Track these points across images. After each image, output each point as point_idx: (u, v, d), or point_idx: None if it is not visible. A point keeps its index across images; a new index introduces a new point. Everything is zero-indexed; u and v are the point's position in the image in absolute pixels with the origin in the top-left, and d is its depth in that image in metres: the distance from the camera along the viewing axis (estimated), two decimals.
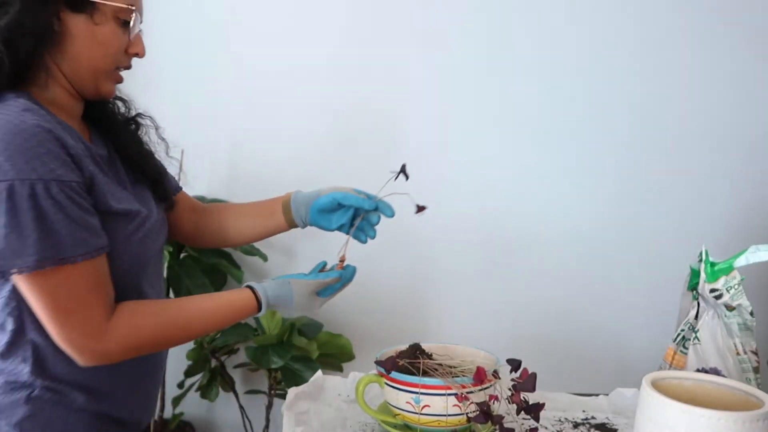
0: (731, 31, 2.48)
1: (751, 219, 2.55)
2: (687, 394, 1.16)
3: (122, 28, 1.08)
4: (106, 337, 1.00)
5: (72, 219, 0.95)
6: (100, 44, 1.06)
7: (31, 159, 0.92)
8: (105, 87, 1.12)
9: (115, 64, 1.11)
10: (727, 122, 2.52)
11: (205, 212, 1.39)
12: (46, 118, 0.99)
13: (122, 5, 1.06)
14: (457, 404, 1.23)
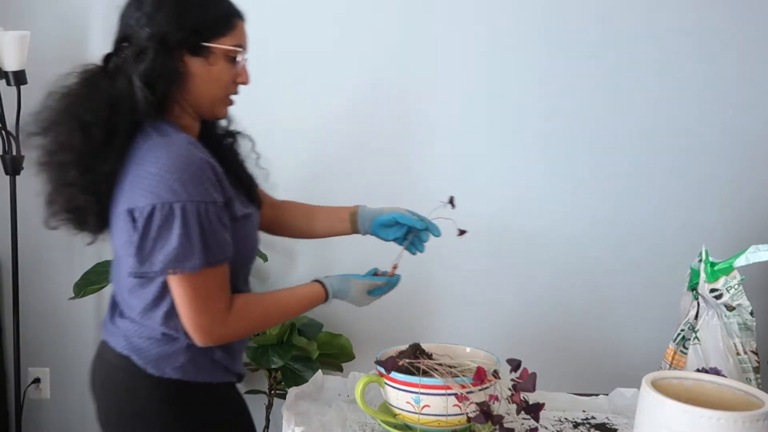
0: (731, 32, 2.47)
1: (751, 219, 2.55)
2: (687, 394, 1.16)
3: (231, 64, 1.30)
4: (226, 323, 1.26)
5: (218, 233, 1.22)
6: (214, 80, 1.29)
7: (197, 185, 1.18)
8: (220, 112, 1.36)
9: (227, 94, 1.34)
10: (727, 122, 2.52)
11: (281, 208, 1.61)
12: (203, 149, 1.25)
13: (230, 47, 1.29)
14: (457, 404, 1.23)
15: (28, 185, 2.47)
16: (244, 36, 1.33)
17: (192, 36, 1.25)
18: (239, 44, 1.30)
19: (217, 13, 1.28)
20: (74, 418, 2.68)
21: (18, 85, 2.28)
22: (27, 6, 2.46)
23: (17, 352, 2.46)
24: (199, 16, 1.26)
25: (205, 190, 1.20)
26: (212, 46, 1.27)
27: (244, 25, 1.32)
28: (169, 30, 1.23)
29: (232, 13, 1.30)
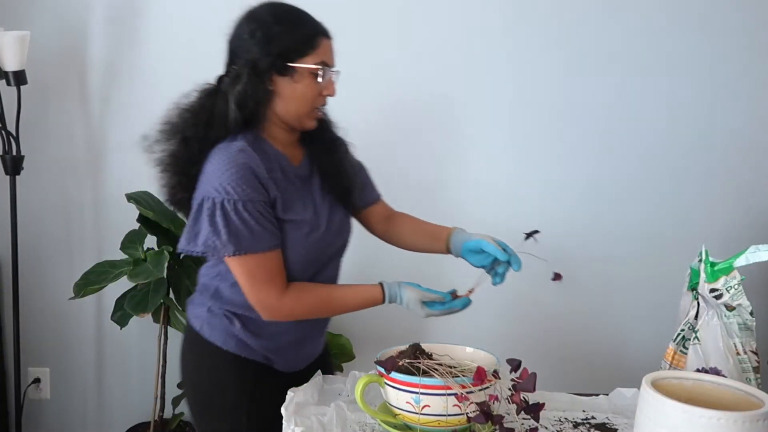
0: (732, 33, 2.48)
1: (751, 219, 2.55)
2: (687, 394, 1.16)
3: (315, 80, 1.44)
4: (280, 302, 1.43)
5: (251, 226, 1.38)
6: (299, 96, 1.44)
7: (236, 186, 1.37)
8: (307, 123, 1.50)
9: (312, 107, 1.48)
10: (728, 123, 2.52)
11: (394, 221, 1.73)
12: (252, 158, 1.40)
13: (312, 66, 1.43)
14: (457, 404, 1.23)
15: (28, 185, 2.50)
16: (328, 52, 1.46)
17: (278, 59, 1.41)
18: (322, 61, 1.44)
19: (300, 35, 1.42)
20: (74, 418, 2.69)
21: (18, 85, 2.28)
22: (27, 6, 2.46)
23: (17, 352, 2.46)
24: (285, 40, 1.41)
25: (243, 190, 1.37)
26: (296, 66, 1.41)
27: (328, 42, 1.46)
28: (259, 57, 1.41)
29: (314, 34, 1.44)
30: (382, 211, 1.73)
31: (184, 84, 2.49)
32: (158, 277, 2.22)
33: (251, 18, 1.45)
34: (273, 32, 1.41)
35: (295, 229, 1.46)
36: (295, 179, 1.50)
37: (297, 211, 1.46)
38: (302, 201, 1.49)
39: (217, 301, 1.51)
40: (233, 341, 1.50)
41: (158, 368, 2.44)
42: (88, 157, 2.56)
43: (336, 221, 1.55)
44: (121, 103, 2.53)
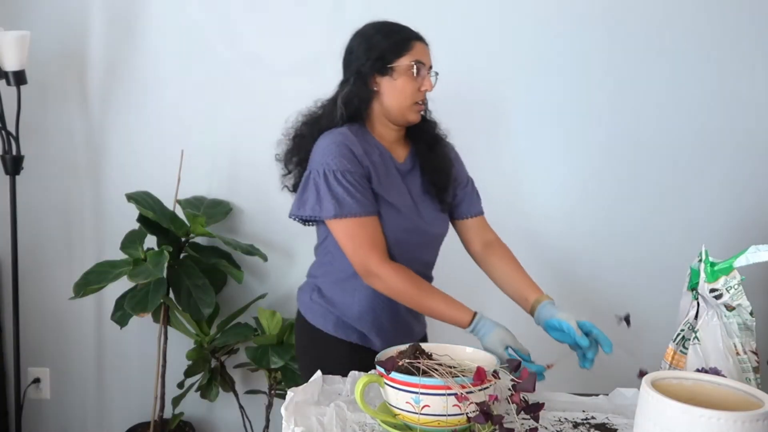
0: (732, 34, 2.48)
1: (751, 219, 2.55)
2: (687, 394, 1.16)
3: (412, 76, 1.63)
4: (380, 268, 1.56)
5: (350, 192, 1.56)
6: (400, 91, 1.63)
7: (334, 158, 1.58)
8: (410, 116, 1.67)
9: (413, 101, 1.65)
10: (728, 123, 2.52)
11: (492, 252, 1.80)
12: (350, 138, 1.60)
13: (410, 63, 1.62)
14: (457, 404, 1.23)
15: (28, 185, 2.50)
16: (422, 53, 1.64)
17: (378, 62, 1.62)
18: (416, 60, 1.62)
19: (395, 39, 1.62)
20: (74, 418, 2.69)
21: (18, 85, 2.29)
22: (27, 6, 2.46)
23: (17, 352, 2.46)
24: (383, 45, 1.62)
25: (341, 162, 1.57)
26: (394, 65, 1.61)
27: (421, 45, 1.65)
28: (363, 62, 1.63)
29: (408, 38, 1.64)
30: (480, 230, 1.81)
31: (184, 84, 2.52)
32: (158, 277, 2.22)
33: (356, 35, 1.68)
34: (373, 40, 1.63)
35: (392, 211, 1.62)
36: (395, 171, 1.67)
37: (393, 195, 1.63)
38: (398, 189, 1.65)
39: (318, 294, 1.72)
40: (331, 323, 1.69)
41: (158, 368, 2.44)
42: (88, 157, 2.56)
43: (431, 214, 1.70)
44: (121, 103, 2.53)
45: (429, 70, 1.66)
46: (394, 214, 1.63)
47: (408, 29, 1.66)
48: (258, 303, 2.46)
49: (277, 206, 2.57)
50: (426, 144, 1.73)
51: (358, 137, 1.64)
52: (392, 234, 1.63)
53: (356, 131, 1.65)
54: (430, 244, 1.74)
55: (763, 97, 2.52)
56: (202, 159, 2.52)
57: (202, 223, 2.34)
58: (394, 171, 1.68)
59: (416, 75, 1.63)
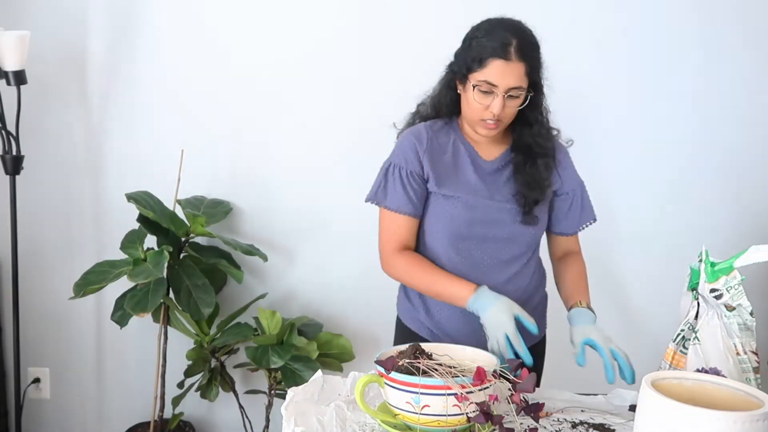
0: (733, 35, 2.47)
1: (752, 219, 2.55)
2: (687, 394, 1.16)
3: (480, 94, 1.56)
4: (391, 258, 1.66)
5: (397, 186, 1.63)
6: (468, 105, 1.60)
7: (398, 152, 1.67)
8: (478, 130, 1.63)
9: (480, 118, 1.59)
10: (728, 123, 2.52)
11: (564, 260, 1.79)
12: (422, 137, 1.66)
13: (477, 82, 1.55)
14: (457, 404, 1.23)
15: (28, 185, 2.50)
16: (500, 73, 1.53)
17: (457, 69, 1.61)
18: (487, 80, 1.54)
19: (475, 52, 1.56)
20: (74, 418, 2.69)
21: (18, 85, 2.29)
22: (27, 6, 2.46)
23: (17, 352, 2.46)
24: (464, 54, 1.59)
25: (399, 157, 1.65)
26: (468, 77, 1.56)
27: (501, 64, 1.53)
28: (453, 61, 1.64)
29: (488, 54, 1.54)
30: (566, 246, 1.79)
31: (184, 84, 2.51)
32: (158, 276, 2.22)
33: (473, 27, 1.61)
34: (464, 45, 1.61)
35: (449, 205, 1.63)
36: (473, 168, 1.65)
37: (457, 189, 1.63)
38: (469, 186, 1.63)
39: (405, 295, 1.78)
40: (408, 315, 1.75)
41: (158, 368, 2.44)
42: (88, 157, 2.56)
43: (505, 217, 1.65)
44: (121, 103, 2.53)
45: (512, 90, 1.54)
46: (451, 207, 1.63)
47: (497, 44, 1.53)
48: (258, 303, 2.46)
49: (277, 206, 2.58)
50: (525, 155, 1.66)
51: (440, 132, 1.67)
52: (440, 225, 1.65)
53: (441, 126, 1.68)
54: (492, 247, 1.66)
55: (763, 97, 2.51)
56: (202, 159, 2.52)
57: (202, 223, 2.34)
58: (472, 168, 1.65)
59: (486, 95, 1.55)
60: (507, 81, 1.53)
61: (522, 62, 1.53)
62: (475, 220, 1.63)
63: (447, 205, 1.64)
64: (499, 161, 1.67)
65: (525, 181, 1.64)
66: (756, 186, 2.55)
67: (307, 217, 2.55)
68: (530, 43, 1.56)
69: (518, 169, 1.65)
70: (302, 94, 2.51)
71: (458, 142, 1.67)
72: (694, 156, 2.53)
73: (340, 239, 2.56)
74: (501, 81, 1.53)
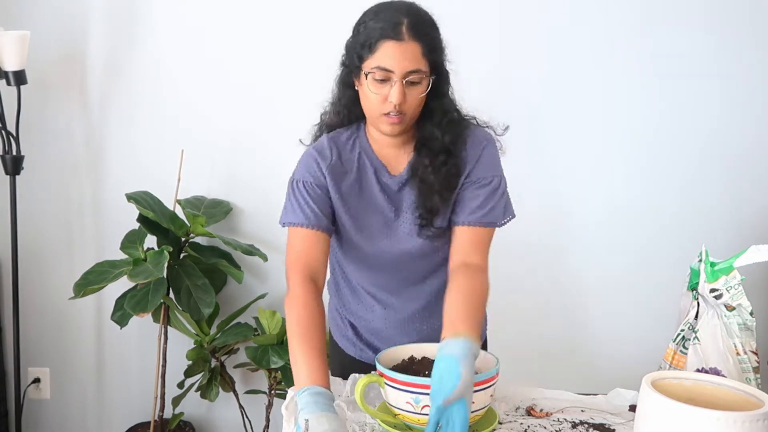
0: (733, 33, 2.47)
1: (752, 219, 2.55)
2: (687, 394, 1.16)
3: (377, 83, 1.36)
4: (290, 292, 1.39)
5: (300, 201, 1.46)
6: (365, 99, 1.41)
7: (299, 168, 1.49)
8: (381, 128, 1.42)
9: (380, 112, 1.38)
10: (728, 122, 2.51)
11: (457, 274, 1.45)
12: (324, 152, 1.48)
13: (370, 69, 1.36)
14: None
15: (28, 185, 2.50)
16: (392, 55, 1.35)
17: (348, 60, 1.43)
18: (380, 66, 1.35)
19: (362, 38, 1.38)
20: (74, 418, 2.69)
21: (18, 85, 2.29)
22: (27, 6, 2.46)
23: (17, 352, 2.46)
24: (353, 42, 1.41)
25: (301, 172, 1.48)
26: (361, 67, 1.38)
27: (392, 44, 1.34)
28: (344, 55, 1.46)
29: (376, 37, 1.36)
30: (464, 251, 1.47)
31: (184, 84, 2.51)
32: (158, 277, 2.22)
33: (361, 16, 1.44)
34: (353, 33, 1.42)
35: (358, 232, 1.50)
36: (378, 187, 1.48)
37: (362, 215, 1.48)
38: (374, 207, 1.48)
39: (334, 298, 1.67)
40: (343, 338, 1.65)
41: (158, 368, 2.44)
42: (88, 157, 2.56)
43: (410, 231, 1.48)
44: (121, 103, 2.53)
45: (410, 75, 1.35)
46: (360, 235, 1.49)
47: (386, 24, 1.35)
48: (258, 303, 2.46)
49: (277, 206, 2.56)
50: (423, 154, 1.45)
51: (345, 147, 1.48)
52: (361, 253, 1.52)
53: (346, 139, 1.49)
54: (413, 269, 1.53)
55: (763, 96, 2.51)
56: (202, 159, 2.52)
57: (202, 223, 2.34)
58: (377, 187, 1.48)
59: (382, 83, 1.36)
60: (402, 64, 1.34)
61: (416, 42, 1.34)
62: (385, 247, 1.49)
63: (351, 245, 1.51)
64: (405, 173, 1.48)
65: (421, 186, 1.45)
66: (756, 186, 2.55)
67: None
68: (424, 21, 1.37)
69: (414, 172, 1.45)
70: (302, 94, 2.50)
71: (363, 157, 1.48)
72: (694, 156, 2.52)
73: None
74: (395, 65, 1.34)
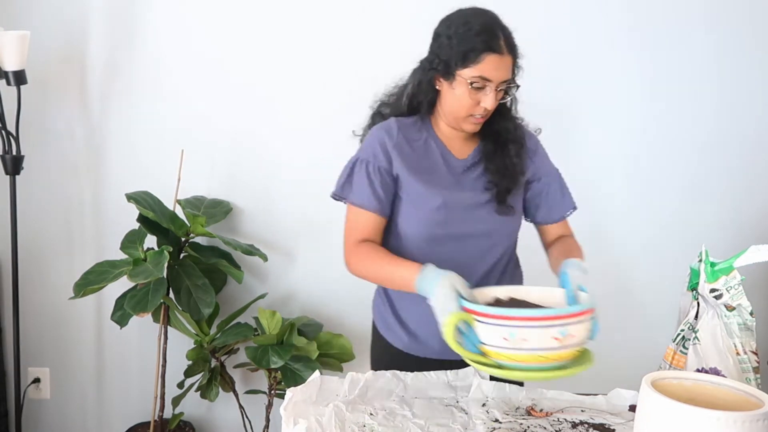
0: (733, 33, 2.47)
1: (752, 219, 2.55)
2: (687, 394, 1.16)
3: (472, 90, 1.51)
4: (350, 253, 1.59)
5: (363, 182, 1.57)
6: (456, 102, 1.55)
7: (367, 149, 1.60)
8: (465, 127, 1.59)
9: (468, 114, 1.55)
10: (728, 122, 2.51)
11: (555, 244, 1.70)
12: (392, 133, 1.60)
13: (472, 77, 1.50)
14: (557, 337, 1.16)
15: (28, 185, 2.50)
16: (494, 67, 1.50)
17: (442, 64, 1.53)
18: (482, 75, 1.50)
19: (465, 47, 1.49)
20: (74, 418, 2.69)
21: (18, 85, 2.29)
22: (27, 6, 2.46)
23: (17, 352, 2.46)
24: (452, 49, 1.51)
25: (369, 153, 1.58)
26: (456, 73, 1.51)
27: (495, 58, 1.49)
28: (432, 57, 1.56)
29: (481, 49, 1.49)
30: (556, 232, 1.73)
31: (184, 84, 2.51)
32: (158, 276, 2.22)
33: (444, 20, 1.57)
34: (448, 39, 1.52)
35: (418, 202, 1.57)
36: (446, 167, 1.61)
37: (431, 189, 1.57)
38: (444, 183, 1.59)
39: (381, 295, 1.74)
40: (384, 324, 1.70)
41: (158, 368, 2.44)
42: (88, 157, 2.56)
43: (483, 214, 1.60)
44: (121, 103, 2.53)
45: (502, 84, 1.52)
46: (423, 207, 1.57)
47: (488, 36, 1.49)
48: (258, 303, 2.46)
49: (277, 206, 2.58)
50: (495, 143, 1.63)
51: (411, 128, 1.62)
52: (422, 227, 1.58)
53: (411, 124, 1.63)
54: (471, 245, 1.61)
55: (763, 96, 2.51)
56: (202, 159, 2.52)
57: (202, 223, 2.34)
58: (444, 167, 1.61)
59: (478, 90, 1.51)
60: (500, 75, 1.51)
61: (510, 55, 1.52)
62: (450, 218, 1.58)
63: (418, 206, 1.57)
64: (471, 158, 1.64)
65: (496, 168, 1.61)
66: (756, 186, 2.55)
67: (307, 217, 2.55)
68: (511, 34, 1.54)
69: (489, 157, 1.62)
70: (302, 94, 2.51)
71: (430, 140, 1.63)
72: (694, 156, 2.52)
73: (340, 239, 2.55)
74: (495, 75, 1.50)
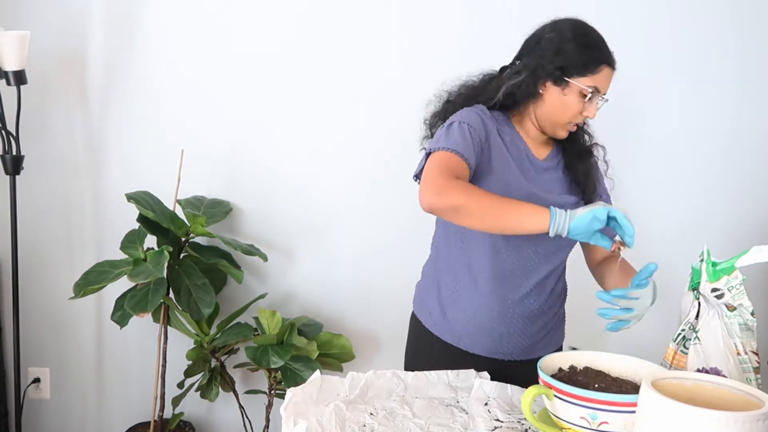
0: (733, 33, 2.47)
1: (754, 219, 2.54)
2: (687, 394, 1.15)
3: (582, 99, 1.57)
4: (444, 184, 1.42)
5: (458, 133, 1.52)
6: (562, 108, 1.59)
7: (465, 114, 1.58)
8: (559, 133, 1.64)
9: (570, 121, 1.61)
10: (729, 122, 2.51)
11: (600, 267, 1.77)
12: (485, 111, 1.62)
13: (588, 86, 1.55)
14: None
15: (28, 185, 2.50)
16: (606, 79, 1.57)
17: (558, 70, 1.55)
18: (595, 86, 1.55)
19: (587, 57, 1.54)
20: (74, 418, 2.69)
21: (18, 85, 2.29)
22: (27, 6, 2.46)
23: (17, 352, 2.46)
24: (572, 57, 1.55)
25: (465, 116, 1.57)
26: (571, 82, 1.55)
27: (609, 72, 1.57)
28: (544, 63, 1.56)
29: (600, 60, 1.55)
30: (605, 253, 1.76)
31: (184, 84, 2.51)
32: (158, 276, 2.22)
33: (554, 27, 1.59)
34: (566, 46, 1.55)
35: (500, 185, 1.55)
36: (529, 163, 1.64)
37: (504, 173, 1.58)
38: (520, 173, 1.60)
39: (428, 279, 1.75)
40: (431, 318, 1.69)
41: (158, 368, 2.44)
42: (88, 157, 2.56)
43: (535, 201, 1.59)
44: (121, 103, 2.53)
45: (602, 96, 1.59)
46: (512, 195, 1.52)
47: (604, 49, 1.57)
48: (258, 303, 2.46)
49: (277, 206, 2.58)
50: (575, 153, 1.70)
51: (500, 122, 1.64)
52: None
53: (500, 115, 1.65)
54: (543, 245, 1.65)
55: (762, 96, 2.51)
56: (202, 159, 2.52)
57: (202, 223, 2.34)
58: (528, 163, 1.65)
59: (587, 99, 1.56)
60: (607, 87, 1.59)
61: (613, 69, 1.59)
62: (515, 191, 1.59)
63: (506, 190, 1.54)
64: (549, 160, 1.69)
65: (585, 171, 1.68)
66: (758, 186, 2.54)
67: (307, 216, 2.55)
68: None
69: (570, 165, 1.69)
70: (302, 94, 2.50)
71: (515, 136, 1.66)
72: (694, 156, 2.52)
73: (340, 239, 2.56)
74: (605, 87, 1.58)
